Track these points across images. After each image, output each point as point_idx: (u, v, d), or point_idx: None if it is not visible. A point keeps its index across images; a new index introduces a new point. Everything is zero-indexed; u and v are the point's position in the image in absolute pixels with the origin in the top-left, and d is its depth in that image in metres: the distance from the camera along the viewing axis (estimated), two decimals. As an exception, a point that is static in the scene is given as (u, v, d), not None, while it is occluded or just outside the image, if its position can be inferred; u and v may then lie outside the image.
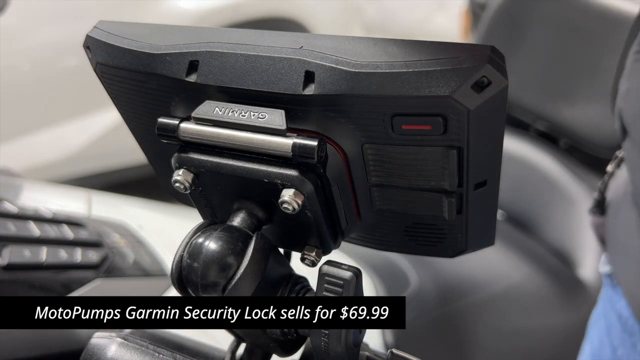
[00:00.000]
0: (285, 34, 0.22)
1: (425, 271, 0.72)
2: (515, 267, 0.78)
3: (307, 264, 0.26)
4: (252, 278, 0.23)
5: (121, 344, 0.31)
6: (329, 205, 0.24)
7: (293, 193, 0.22)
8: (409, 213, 0.26)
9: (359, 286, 0.24)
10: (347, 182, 0.25)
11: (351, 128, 0.22)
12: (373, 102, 0.20)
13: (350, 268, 0.24)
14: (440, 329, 0.67)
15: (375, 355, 0.29)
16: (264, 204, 0.25)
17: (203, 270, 0.23)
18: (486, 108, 0.19)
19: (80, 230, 0.45)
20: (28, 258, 0.38)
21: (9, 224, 0.40)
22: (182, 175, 0.24)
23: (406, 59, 0.20)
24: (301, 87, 0.21)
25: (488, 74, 0.19)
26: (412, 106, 0.20)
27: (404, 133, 0.21)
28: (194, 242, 0.24)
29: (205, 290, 0.23)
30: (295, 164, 0.22)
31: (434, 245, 0.27)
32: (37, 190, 0.55)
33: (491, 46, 0.19)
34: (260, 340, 0.26)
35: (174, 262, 0.24)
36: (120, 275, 0.43)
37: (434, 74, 0.19)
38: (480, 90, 0.19)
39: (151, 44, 0.24)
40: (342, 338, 0.24)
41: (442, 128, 0.20)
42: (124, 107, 0.28)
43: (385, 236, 0.28)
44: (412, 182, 0.23)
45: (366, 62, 0.20)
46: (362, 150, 0.23)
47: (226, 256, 0.23)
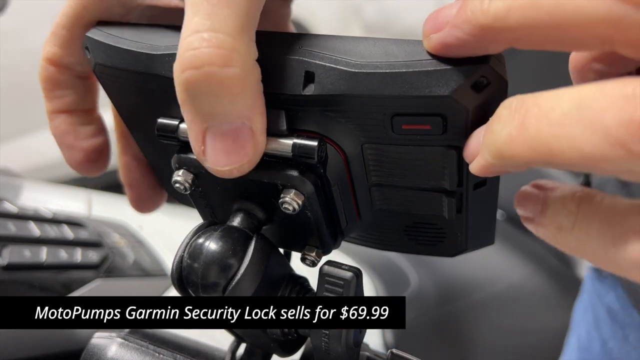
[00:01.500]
0: (284, 34, 0.22)
1: (425, 271, 0.72)
2: (515, 267, 0.78)
3: (307, 264, 0.26)
4: (253, 278, 0.23)
5: (121, 344, 0.31)
6: (329, 205, 0.24)
7: (293, 193, 0.22)
8: (409, 213, 0.26)
9: (359, 286, 0.24)
10: (347, 182, 0.25)
11: (351, 128, 0.22)
12: (373, 102, 0.20)
13: (351, 268, 0.24)
14: (440, 329, 0.67)
15: (375, 355, 0.29)
16: (264, 205, 0.25)
17: (203, 271, 0.23)
18: (486, 108, 0.19)
19: (80, 230, 0.45)
20: (28, 258, 0.38)
21: (9, 224, 0.40)
22: (182, 176, 0.24)
23: (406, 59, 0.20)
24: (301, 87, 0.21)
25: (487, 73, 0.19)
26: (412, 106, 0.20)
27: (403, 133, 0.21)
28: (194, 242, 0.24)
29: (205, 291, 0.23)
30: (295, 164, 0.22)
31: (434, 244, 0.27)
32: (37, 190, 0.55)
33: None
34: (261, 340, 0.26)
35: (174, 263, 0.24)
36: (120, 275, 0.43)
37: (434, 73, 0.19)
38: (479, 90, 0.19)
39: (151, 45, 0.24)
40: (342, 338, 0.24)
41: (441, 128, 0.20)
42: (123, 108, 0.28)
43: (386, 236, 0.28)
44: (412, 182, 0.23)
45: (366, 62, 0.20)
46: (362, 151, 0.23)
47: (226, 257, 0.23)
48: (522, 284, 0.77)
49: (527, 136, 0.16)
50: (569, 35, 0.16)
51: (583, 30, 0.16)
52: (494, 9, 0.17)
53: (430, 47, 0.19)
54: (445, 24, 0.19)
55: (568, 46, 0.17)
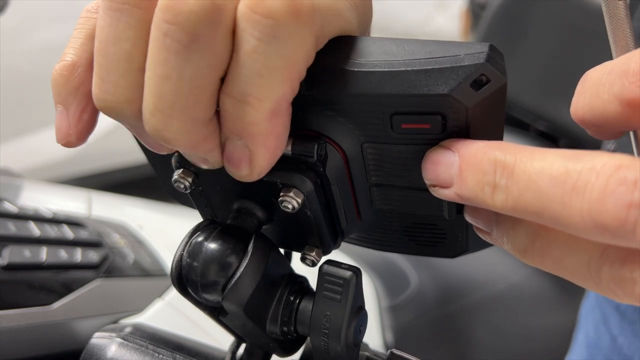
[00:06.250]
0: None
1: (425, 271, 0.72)
2: (515, 267, 0.78)
3: (307, 264, 0.26)
4: (252, 277, 0.23)
5: (121, 344, 0.31)
6: (329, 204, 0.24)
7: (293, 192, 0.22)
8: (409, 213, 0.26)
9: (359, 285, 0.24)
10: (347, 181, 0.25)
11: (351, 127, 0.22)
12: (372, 100, 0.20)
13: (350, 267, 0.24)
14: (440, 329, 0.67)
15: (375, 355, 0.29)
16: (264, 204, 0.25)
17: (203, 269, 0.23)
18: (485, 106, 0.19)
19: (80, 230, 0.45)
20: (28, 258, 0.38)
21: (9, 224, 0.40)
22: (183, 175, 0.24)
23: (405, 58, 0.20)
24: (302, 87, 0.21)
25: (487, 72, 0.19)
26: (411, 105, 0.20)
27: (403, 132, 0.21)
28: (193, 241, 0.24)
29: (205, 290, 0.23)
30: (294, 162, 0.22)
31: (434, 245, 0.27)
32: (37, 190, 0.55)
33: (490, 44, 0.19)
34: (260, 340, 0.26)
35: (174, 262, 0.24)
36: (120, 275, 0.43)
37: (433, 72, 0.19)
38: (479, 88, 0.19)
39: None
40: (341, 337, 0.24)
41: (441, 127, 0.20)
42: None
43: (386, 236, 0.28)
44: (412, 182, 0.23)
45: (365, 61, 0.20)
46: (361, 150, 0.23)
47: (226, 255, 0.23)
48: (522, 284, 0.77)
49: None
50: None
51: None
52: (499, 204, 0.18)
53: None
54: (449, 184, 0.20)
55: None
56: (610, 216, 0.15)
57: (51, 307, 0.37)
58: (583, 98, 0.19)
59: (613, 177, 0.15)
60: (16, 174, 0.59)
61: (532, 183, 0.17)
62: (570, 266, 0.18)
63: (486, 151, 0.19)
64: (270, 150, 0.20)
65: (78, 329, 0.37)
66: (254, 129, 0.19)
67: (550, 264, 0.19)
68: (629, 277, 0.17)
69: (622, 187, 0.15)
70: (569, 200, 0.16)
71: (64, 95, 0.22)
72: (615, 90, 0.17)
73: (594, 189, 0.15)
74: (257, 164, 0.20)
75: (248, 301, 0.23)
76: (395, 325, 0.63)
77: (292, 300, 0.26)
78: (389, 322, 0.63)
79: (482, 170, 0.19)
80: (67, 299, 0.38)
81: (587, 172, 0.16)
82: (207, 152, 0.20)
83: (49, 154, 1.39)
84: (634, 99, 0.17)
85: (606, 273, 0.17)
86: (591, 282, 0.18)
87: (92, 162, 1.47)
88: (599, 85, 0.18)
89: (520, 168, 0.17)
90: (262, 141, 0.20)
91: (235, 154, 0.20)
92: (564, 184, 0.16)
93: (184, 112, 0.19)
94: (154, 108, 0.19)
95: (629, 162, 0.15)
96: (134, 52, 0.19)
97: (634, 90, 0.17)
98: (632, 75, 0.17)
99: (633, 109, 0.17)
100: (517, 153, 0.18)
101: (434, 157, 0.21)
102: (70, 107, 0.22)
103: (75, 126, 0.22)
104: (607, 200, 0.15)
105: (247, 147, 0.20)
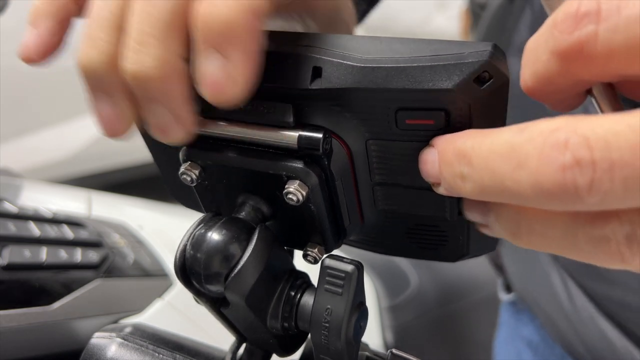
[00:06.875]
0: (293, 32, 0.23)
1: (425, 271, 0.72)
2: (515, 267, 0.78)
3: (309, 261, 0.26)
4: (255, 267, 0.23)
5: (121, 344, 0.31)
6: (333, 199, 0.25)
7: (298, 184, 0.23)
8: (411, 213, 0.26)
9: (360, 280, 0.24)
10: (351, 178, 0.25)
11: (356, 123, 0.22)
12: (378, 95, 0.21)
13: (352, 261, 0.24)
14: (440, 329, 0.67)
15: (375, 355, 0.29)
16: (269, 198, 0.25)
17: (206, 261, 0.23)
18: (487, 102, 0.20)
19: (80, 230, 0.45)
20: (28, 258, 0.38)
21: (9, 224, 0.40)
22: (189, 168, 0.25)
23: (411, 55, 0.20)
24: (308, 82, 0.21)
25: (490, 69, 0.19)
26: (416, 100, 0.20)
27: (407, 128, 0.22)
28: (197, 233, 0.24)
29: (208, 281, 0.23)
30: (300, 156, 0.23)
31: (435, 248, 0.27)
32: (37, 190, 0.55)
33: (493, 43, 0.20)
34: (260, 335, 0.26)
35: (177, 254, 0.24)
36: (120, 275, 0.43)
37: (438, 68, 0.20)
38: (482, 85, 0.20)
39: None
40: (342, 333, 0.24)
41: (444, 122, 0.21)
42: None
43: (388, 239, 0.28)
44: (415, 181, 0.24)
45: (372, 58, 0.21)
46: (366, 147, 0.23)
47: (229, 245, 0.23)
48: (522, 284, 0.77)
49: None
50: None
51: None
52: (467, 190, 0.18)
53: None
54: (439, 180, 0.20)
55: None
56: (551, 183, 0.15)
57: (51, 307, 0.37)
58: (526, 68, 0.18)
59: (546, 142, 0.15)
60: (16, 174, 0.59)
61: (486, 165, 0.17)
62: (555, 239, 0.18)
63: (451, 142, 0.19)
64: (251, 56, 0.20)
65: (78, 329, 0.37)
66: (232, 30, 0.19)
67: (538, 241, 0.18)
68: (602, 236, 0.16)
69: (554, 150, 0.15)
70: (518, 176, 0.16)
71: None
72: (549, 47, 0.17)
73: (532, 159, 0.15)
74: (238, 74, 0.19)
75: (250, 291, 0.24)
76: (395, 325, 0.63)
77: (293, 295, 0.26)
78: (389, 322, 0.63)
79: (449, 162, 0.19)
80: (67, 299, 0.38)
81: (526, 143, 0.16)
82: (178, 99, 0.21)
83: (49, 154, 1.39)
84: (567, 47, 0.16)
85: (581, 238, 0.17)
86: (575, 251, 0.17)
87: (92, 162, 1.47)
88: (536, 48, 0.18)
89: (476, 153, 0.17)
90: (241, 44, 0.19)
91: (210, 70, 0.19)
92: (509, 160, 0.16)
93: (160, 41, 0.20)
94: (134, 41, 0.20)
95: (563, 123, 0.15)
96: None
97: (565, 39, 0.16)
98: (561, 24, 0.16)
99: (570, 58, 0.16)
100: (474, 137, 0.18)
101: (423, 156, 0.21)
102: (42, 26, 0.25)
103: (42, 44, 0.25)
104: (544, 168, 0.15)
105: (224, 57, 0.19)
